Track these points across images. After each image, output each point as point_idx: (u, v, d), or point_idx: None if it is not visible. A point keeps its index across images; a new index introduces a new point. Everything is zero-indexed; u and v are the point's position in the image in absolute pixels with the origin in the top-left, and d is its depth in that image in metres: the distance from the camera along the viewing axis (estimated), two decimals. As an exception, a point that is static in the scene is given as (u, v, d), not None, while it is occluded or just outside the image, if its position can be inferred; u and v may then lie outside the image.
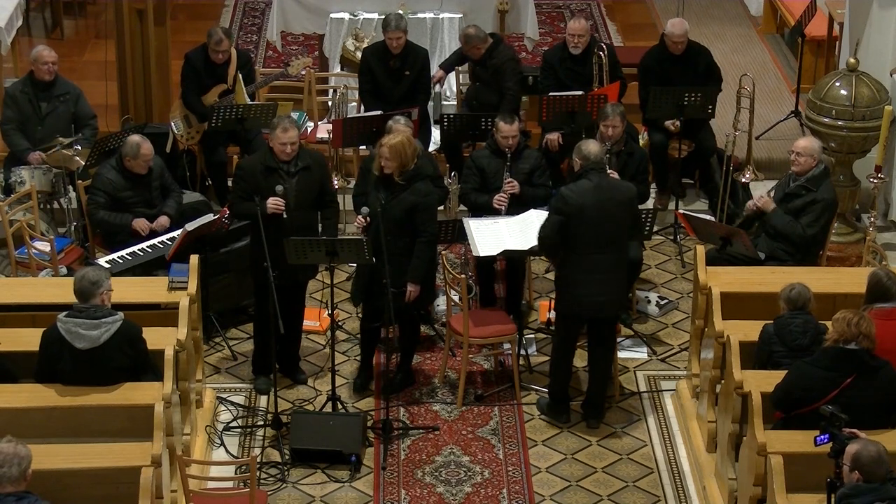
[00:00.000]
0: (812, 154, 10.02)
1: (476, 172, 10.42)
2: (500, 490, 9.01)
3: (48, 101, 11.36)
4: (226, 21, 15.77)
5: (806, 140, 10.19)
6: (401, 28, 11.55)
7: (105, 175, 10.32)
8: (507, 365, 10.15)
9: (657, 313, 10.86)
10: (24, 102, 11.35)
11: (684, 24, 11.94)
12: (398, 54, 11.62)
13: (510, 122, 10.30)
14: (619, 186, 9.36)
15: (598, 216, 9.07)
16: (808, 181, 10.04)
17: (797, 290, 8.46)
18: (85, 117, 11.46)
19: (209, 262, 10.07)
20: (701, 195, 12.45)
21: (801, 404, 7.86)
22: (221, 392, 9.87)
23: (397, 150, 9.29)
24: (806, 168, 10.03)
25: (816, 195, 10.00)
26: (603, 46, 11.89)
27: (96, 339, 8.16)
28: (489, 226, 9.97)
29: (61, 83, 11.47)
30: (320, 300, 10.83)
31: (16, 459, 6.74)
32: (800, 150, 10.04)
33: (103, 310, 8.24)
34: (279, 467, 9.13)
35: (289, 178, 9.48)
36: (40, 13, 15.75)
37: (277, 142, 9.47)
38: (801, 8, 13.51)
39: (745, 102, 11.77)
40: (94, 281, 8.28)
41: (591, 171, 9.17)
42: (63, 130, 11.20)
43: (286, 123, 9.49)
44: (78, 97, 11.49)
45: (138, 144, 10.23)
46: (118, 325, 8.21)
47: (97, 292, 8.26)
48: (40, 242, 10.53)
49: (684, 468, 9.28)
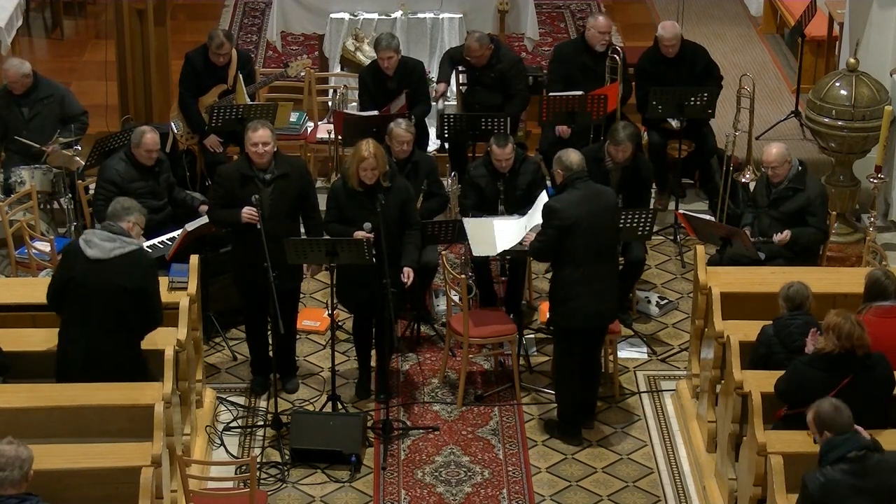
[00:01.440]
0: (786, 160, 10.06)
1: (474, 190, 10.40)
2: (500, 490, 9.01)
3: (30, 107, 11.29)
4: (226, 21, 15.78)
5: (775, 148, 10.10)
6: (392, 48, 11.41)
7: (113, 166, 10.29)
8: (507, 365, 10.15)
9: (657, 313, 10.86)
10: (4, 109, 11.30)
11: (675, 28, 11.93)
12: (393, 76, 11.55)
13: (503, 145, 10.20)
14: (604, 192, 9.34)
15: (590, 226, 9.04)
16: (791, 181, 10.07)
17: (795, 287, 8.47)
18: (74, 116, 11.41)
19: (209, 262, 10.07)
20: (701, 195, 12.45)
21: (801, 403, 7.86)
22: (221, 392, 9.87)
23: (380, 156, 9.24)
24: (785, 174, 10.06)
25: (808, 193, 10.03)
26: (618, 50, 11.88)
27: (107, 252, 8.27)
28: (488, 226, 9.97)
29: (43, 86, 11.39)
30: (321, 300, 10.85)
31: (17, 462, 6.73)
32: (774, 163, 10.05)
33: (126, 232, 8.39)
34: (279, 467, 9.12)
35: (264, 186, 9.30)
36: (40, 13, 15.76)
37: (249, 143, 9.28)
38: (801, 8, 13.52)
39: (745, 102, 11.77)
40: (126, 206, 8.52)
41: (576, 181, 9.16)
42: (51, 133, 11.18)
43: (256, 123, 9.37)
44: (63, 98, 11.43)
45: (142, 133, 10.23)
46: (133, 248, 8.35)
47: (125, 217, 8.45)
48: (40, 242, 10.53)
49: (684, 468, 9.28)
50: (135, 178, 10.27)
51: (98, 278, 8.28)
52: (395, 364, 10.10)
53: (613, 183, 10.25)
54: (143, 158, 10.24)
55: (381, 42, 11.52)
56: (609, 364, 9.90)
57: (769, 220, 10.14)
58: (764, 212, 10.18)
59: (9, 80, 11.30)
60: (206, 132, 11.56)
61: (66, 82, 12.75)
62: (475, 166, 10.52)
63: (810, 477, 7.03)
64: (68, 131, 11.16)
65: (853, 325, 7.78)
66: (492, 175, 10.34)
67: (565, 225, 9.03)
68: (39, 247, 10.52)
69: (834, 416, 7.13)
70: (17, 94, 11.31)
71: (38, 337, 8.72)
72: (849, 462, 7.00)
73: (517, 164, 10.32)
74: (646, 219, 10.02)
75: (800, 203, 10.05)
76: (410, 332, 10.53)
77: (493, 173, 10.34)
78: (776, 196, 10.11)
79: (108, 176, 10.28)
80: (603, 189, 9.41)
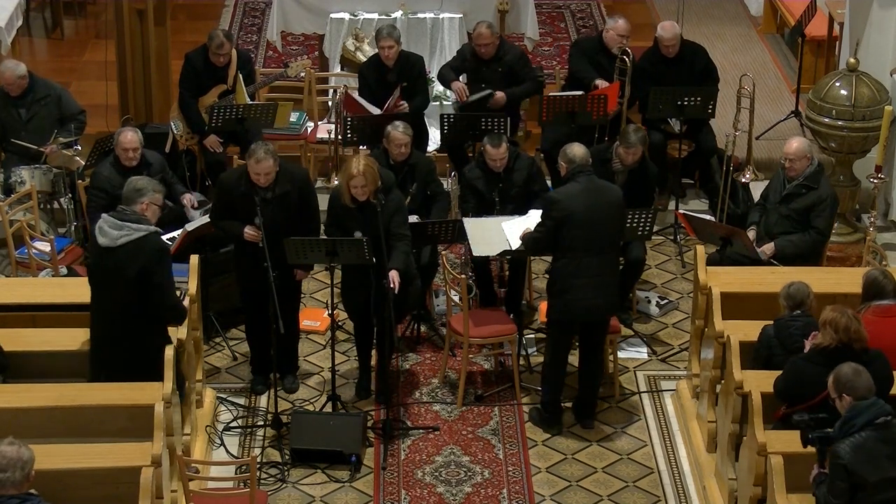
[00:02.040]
0: (805, 155, 10.04)
1: (473, 193, 10.38)
2: (500, 490, 9.01)
3: (27, 108, 11.29)
4: (226, 21, 15.77)
5: (797, 142, 10.13)
6: (392, 37, 11.41)
7: (102, 173, 10.26)
8: (507, 365, 10.15)
9: (657, 313, 10.86)
10: (2, 111, 11.29)
11: (674, 28, 11.93)
12: (393, 67, 11.54)
13: (497, 145, 10.20)
14: (608, 188, 9.35)
15: (589, 219, 9.06)
16: (806, 179, 10.05)
17: (795, 286, 8.47)
18: (71, 115, 11.40)
19: (209, 262, 10.07)
20: (701, 195, 12.45)
21: (800, 399, 7.87)
22: (221, 392, 9.87)
23: (370, 174, 9.18)
24: (802, 170, 10.05)
25: (820, 193, 10.02)
26: (628, 51, 11.87)
27: (114, 239, 8.15)
28: (488, 226, 9.97)
29: (40, 87, 11.38)
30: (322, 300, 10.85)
31: (19, 463, 6.70)
32: (793, 156, 10.03)
33: (138, 217, 8.22)
34: (279, 467, 9.13)
35: (265, 205, 9.24)
36: (40, 13, 15.76)
37: (251, 171, 9.22)
38: (801, 8, 13.51)
39: (746, 102, 11.76)
40: (138, 188, 8.35)
41: (579, 174, 9.18)
42: (49, 133, 11.17)
43: (260, 154, 9.14)
44: (59, 98, 11.42)
45: (121, 132, 10.16)
46: (140, 234, 8.17)
47: (138, 200, 8.31)
48: (40, 242, 10.53)
49: (684, 468, 9.28)
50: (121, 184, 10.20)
51: (107, 266, 8.21)
52: (395, 364, 10.10)
53: (618, 185, 10.24)
54: (124, 159, 10.16)
55: (381, 31, 11.52)
56: (609, 364, 9.90)
57: (777, 216, 10.12)
58: (774, 207, 10.16)
59: (5, 83, 11.29)
60: (206, 132, 11.55)
61: (66, 82, 12.76)
62: (470, 168, 10.52)
63: (841, 448, 6.98)
64: (67, 131, 11.16)
65: (850, 319, 7.79)
66: (487, 175, 10.34)
67: (562, 216, 9.06)
68: (39, 247, 10.51)
69: (853, 378, 7.16)
70: (14, 96, 11.30)
71: (38, 337, 8.73)
72: (877, 428, 7.01)
73: (511, 162, 10.33)
74: (646, 219, 10.01)
75: (810, 201, 10.02)
76: (410, 332, 10.53)
77: (489, 173, 10.33)
78: (788, 192, 10.09)
79: (96, 183, 10.22)
80: (606, 185, 9.42)
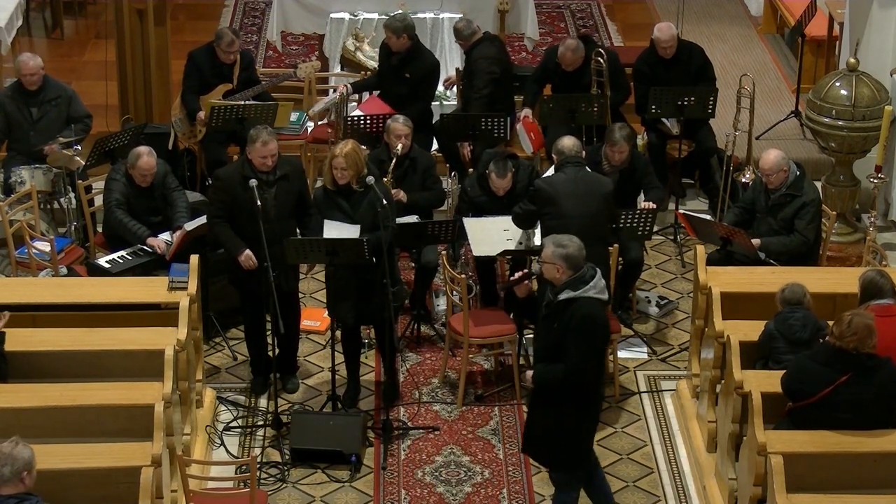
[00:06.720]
0: (782, 168, 9.94)
1: (472, 208, 10.26)
2: (500, 490, 9.01)
3: (38, 107, 11.27)
4: (226, 21, 15.79)
5: (772, 156, 9.97)
6: (390, 28, 11.50)
7: (115, 179, 10.29)
8: (507, 365, 10.15)
9: (657, 313, 10.86)
10: (13, 110, 11.27)
11: (671, 29, 11.93)
12: (398, 54, 11.59)
13: (502, 175, 10.06)
14: (596, 179, 9.40)
15: (573, 207, 9.12)
16: (789, 188, 9.97)
17: (789, 289, 8.49)
18: (79, 118, 11.40)
19: (209, 262, 10.07)
20: (701, 195, 12.45)
21: (800, 396, 7.87)
22: (221, 392, 9.87)
23: (352, 157, 9.15)
24: (781, 181, 9.99)
25: (804, 198, 9.96)
26: (602, 52, 11.83)
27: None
28: (488, 225, 9.97)
29: (52, 87, 11.37)
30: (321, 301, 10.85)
31: (9, 460, 6.66)
32: (769, 171, 9.93)
33: None
34: (279, 467, 9.13)
35: (268, 188, 9.32)
36: (40, 13, 15.76)
37: (258, 155, 9.27)
38: (801, 8, 13.52)
39: (746, 102, 11.77)
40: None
41: (567, 165, 9.29)
42: (56, 135, 11.17)
43: (265, 136, 9.28)
44: (70, 99, 11.42)
45: (138, 155, 10.10)
46: None
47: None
48: (40, 242, 10.53)
49: (684, 468, 9.28)
50: (131, 196, 10.23)
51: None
52: (395, 364, 10.09)
53: None
54: (139, 180, 10.18)
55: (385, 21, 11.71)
56: (609, 364, 9.89)
57: (766, 226, 10.09)
58: (763, 219, 10.14)
59: (27, 73, 11.24)
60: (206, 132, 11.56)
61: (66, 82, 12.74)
62: (471, 185, 10.36)
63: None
64: (69, 131, 11.16)
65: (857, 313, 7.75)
66: (490, 196, 10.24)
67: (540, 201, 9.23)
68: (39, 247, 10.51)
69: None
70: (28, 94, 11.26)
71: (38, 337, 8.73)
72: None
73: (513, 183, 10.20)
74: (646, 219, 10.01)
75: (795, 208, 9.98)
76: (410, 332, 10.53)
77: (492, 194, 10.25)
78: (774, 203, 10.05)
79: (112, 185, 10.21)
80: (595, 176, 9.47)
